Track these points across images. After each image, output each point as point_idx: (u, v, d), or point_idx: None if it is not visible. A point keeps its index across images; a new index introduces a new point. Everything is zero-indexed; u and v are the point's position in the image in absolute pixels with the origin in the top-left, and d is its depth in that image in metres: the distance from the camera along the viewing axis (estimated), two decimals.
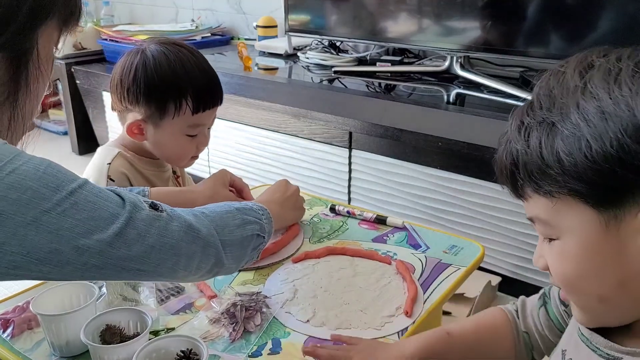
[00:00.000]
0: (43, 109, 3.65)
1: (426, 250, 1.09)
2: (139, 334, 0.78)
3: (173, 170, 1.25)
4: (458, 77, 2.02)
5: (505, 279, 1.79)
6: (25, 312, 0.88)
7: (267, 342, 0.84)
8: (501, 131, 0.58)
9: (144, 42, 1.12)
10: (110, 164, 1.09)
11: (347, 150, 1.96)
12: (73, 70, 2.94)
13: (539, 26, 1.75)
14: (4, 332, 0.86)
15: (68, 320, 0.80)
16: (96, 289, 0.85)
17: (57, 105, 3.61)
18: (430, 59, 2.23)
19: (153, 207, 0.69)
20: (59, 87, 3.23)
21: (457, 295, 1.62)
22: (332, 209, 1.24)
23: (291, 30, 2.34)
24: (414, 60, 2.27)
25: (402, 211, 1.90)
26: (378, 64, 2.24)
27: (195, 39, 2.85)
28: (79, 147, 3.17)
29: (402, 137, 1.80)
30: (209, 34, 2.96)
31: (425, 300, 0.94)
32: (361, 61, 2.36)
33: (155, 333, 0.84)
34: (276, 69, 2.44)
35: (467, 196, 1.75)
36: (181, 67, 1.07)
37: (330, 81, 2.17)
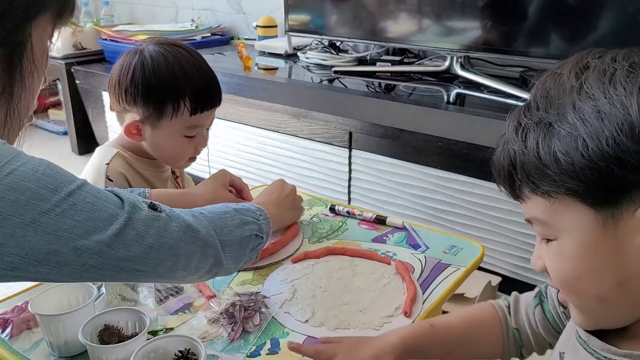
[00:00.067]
0: (43, 109, 3.65)
1: (426, 250, 1.09)
2: (137, 334, 0.78)
3: (172, 171, 1.24)
4: (458, 77, 2.02)
5: (505, 279, 1.79)
6: (24, 312, 0.88)
7: (266, 342, 0.84)
8: (501, 131, 0.58)
9: (143, 42, 1.12)
10: (108, 164, 1.08)
11: (347, 150, 1.96)
12: (73, 70, 2.94)
13: (539, 26, 1.75)
14: (2, 332, 0.86)
15: (66, 320, 0.80)
16: (95, 289, 0.85)
17: (56, 105, 3.60)
18: (430, 59, 2.22)
19: (152, 207, 0.68)
20: (59, 87, 3.23)
21: (457, 296, 1.62)
22: (332, 209, 1.24)
23: (291, 30, 2.34)
24: (414, 60, 2.27)
25: (402, 211, 1.90)
26: (378, 64, 2.24)
27: (195, 39, 2.85)
28: (78, 147, 3.17)
29: (402, 137, 1.80)
30: (209, 34, 2.96)
31: (425, 300, 0.94)
32: (361, 61, 2.36)
33: (153, 333, 0.84)
34: (276, 69, 2.44)
35: (467, 196, 1.75)
36: (179, 68, 1.06)
37: (330, 81, 2.17)
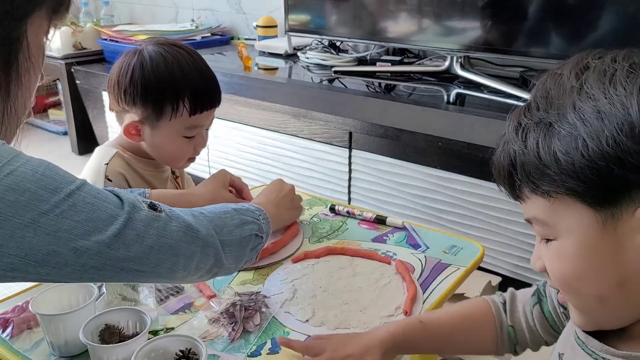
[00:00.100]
0: (43, 109, 3.65)
1: (426, 250, 1.09)
2: (138, 334, 0.78)
3: (172, 171, 1.24)
4: (458, 77, 2.02)
5: (505, 279, 1.79)
6: (25, 312, 0.88)
7: (267, 342, 0.84)
8: (501, 131, 0.58)
9: (142, 42, 1.12)
10: (107, 164, 1.08)
11: (347, 150, 1.96)
12: (73, 70, 2.94)
13: (539, 26, 1.75)
14: (3, 331, 0.87)
15: (67, 320, 0.80)
16: (95, 289, 0.85)
17: (57, 105, 3.61)
18: (430, 59, 2.22)
19: (152, 207, 0.68)
20: (59, 87, 3.23)
21: (457, 295, 1.62)
22: (332, 209, 1.24)
23: (291, 30, 2.34)
24: (414, 60, 2.27)
25: (402, 211, 1.90)
26: (378, 64, 2.24)
27: (195, 39, 2.85)
28: (78, 147, 3.17)
29: (402, 137, 1.80)
30: (209, 34, 2.96)
31: (425, 300, 0.94)
32: (361, 61, 2.36)
33: (154, 333, 0.84)
34: (276, 69, 2.44)
35: (467, 196, 1.75)
36: (179, 69, 1.06)
37: (330, 81, 2.17)
